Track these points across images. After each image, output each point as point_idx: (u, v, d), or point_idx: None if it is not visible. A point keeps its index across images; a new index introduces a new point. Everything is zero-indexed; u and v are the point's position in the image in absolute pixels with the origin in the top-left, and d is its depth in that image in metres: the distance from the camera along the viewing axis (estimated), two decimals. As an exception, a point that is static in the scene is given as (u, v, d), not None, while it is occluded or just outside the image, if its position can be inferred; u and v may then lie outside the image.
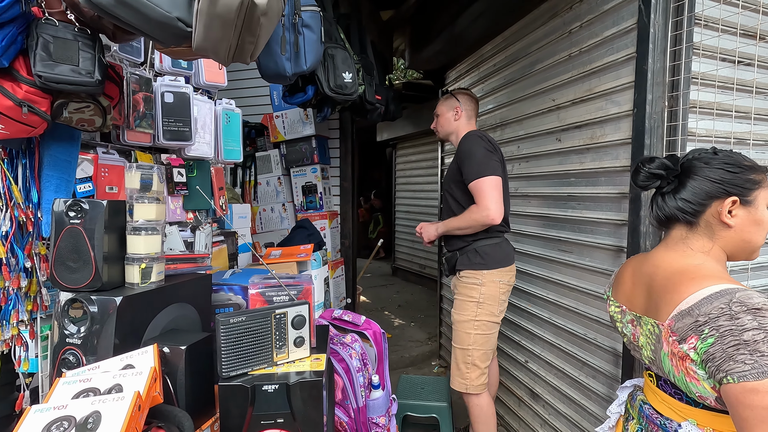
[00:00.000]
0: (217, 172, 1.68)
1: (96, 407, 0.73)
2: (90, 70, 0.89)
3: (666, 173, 0.91)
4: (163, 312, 1.06)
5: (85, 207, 0.98)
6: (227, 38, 0.77)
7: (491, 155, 1.79)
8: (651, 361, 0.90)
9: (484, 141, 1.82)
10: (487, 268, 1.83)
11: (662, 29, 1.42)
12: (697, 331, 0.75)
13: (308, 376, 0.96)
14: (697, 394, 0.79)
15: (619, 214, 1.61)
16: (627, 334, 0.98)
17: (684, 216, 0.89)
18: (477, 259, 1.85)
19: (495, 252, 1.85)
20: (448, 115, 2.03)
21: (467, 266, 1.87)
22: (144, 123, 1.32)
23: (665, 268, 0.89)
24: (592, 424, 1.75)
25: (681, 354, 0.78)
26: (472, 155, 1.78)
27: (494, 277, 1.84)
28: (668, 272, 0.87)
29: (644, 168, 0.93)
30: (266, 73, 1.26)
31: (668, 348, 0.81)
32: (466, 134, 1.90)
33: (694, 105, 1.41)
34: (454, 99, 2.02)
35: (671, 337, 0.80)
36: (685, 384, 0.80)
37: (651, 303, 0.89)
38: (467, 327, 1.84)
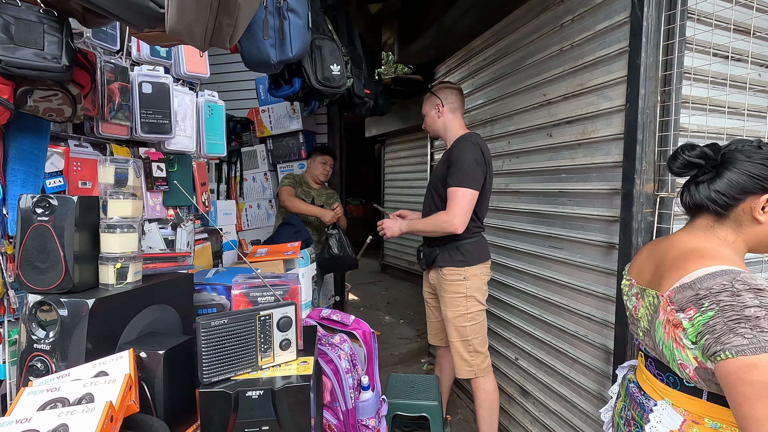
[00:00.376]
0: (199, 166, 1.61)
1: (63, 420, 0.67)
2: (56, 55, 0.82)
3: (705, 162, 0.88)
4: (141, 314, 1.00)
5: (53, 203, 0.91)
6: (202, 20, 0.72)
7: (477, 167, 1.81)
8: (645, 333, 0.92)
9: (476, 151, 1.83)
10: (468, 265, 1.91)
11: (655, 23, 1.41)
12: (697, 304, 0.76)
13: (295, 381, 0.91)
14: (678, 362, 0.81)
15: (610, 210, 1.60)
16: (629, 307, 1.01)
17: (715, 207, 0.87)
18: (458, 257, 1.91)
19: (475, 249, 1.93)
20: (432, 114, 2.04)
21: (449, 263, 1.92)
22: (120, 114, 1.25)
23: (680, 246, 0.89)
24: (583, 422, 1.74)
25: (675, 321, 0.80)
26: (460, 162, 1.81)
27: (476, 271, 1.92)
28: (681, 250, 0.87)
29: (683, 155, 0.90)
30: (249, 61, 1.20)
31: (664, 316, 0.83)
32: (462, 137, 1.90)
33: (686, 100, 1.39)
34: (434, 96, 2.03)
35: (669, 306, 0.82)
36: (671, 351, 0.82)
37: (656, 276, 0.90)
38: (461, 321, 1.92)
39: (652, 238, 1.44)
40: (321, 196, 2.97)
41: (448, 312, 1.94)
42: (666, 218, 1.42)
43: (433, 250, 1.97)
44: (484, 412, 1.96)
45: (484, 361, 1.94)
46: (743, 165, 0.84)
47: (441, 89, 2.04)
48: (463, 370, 1.95)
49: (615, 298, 1.54)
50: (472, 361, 1.93)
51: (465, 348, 1.93)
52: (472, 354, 1.93)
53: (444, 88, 2.04)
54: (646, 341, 0.93)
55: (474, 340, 1.92)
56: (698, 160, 0.88)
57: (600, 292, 1.64)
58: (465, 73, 2.80)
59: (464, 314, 1.91)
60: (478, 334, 1.93)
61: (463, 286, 1.90)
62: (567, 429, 1.83)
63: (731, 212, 0.86)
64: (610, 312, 1.58)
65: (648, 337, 0.91)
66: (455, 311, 1.92)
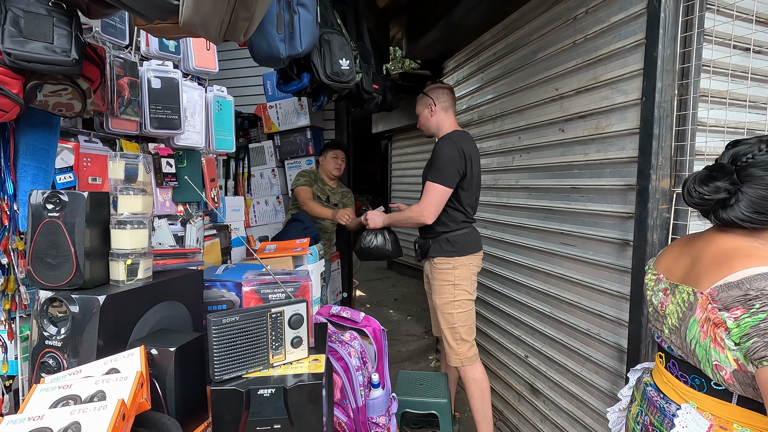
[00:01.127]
0: (208, 162, 1.60)
1: (75, 417, 0.67)
2: (66, 48, 0.81)
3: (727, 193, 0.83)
4: (151, 311, 1.00)
5: (64, 199, 0.90)
6: (219, 12, 0.70)
7: (451, 166, 1.89)
8: (672, 330, 0.88)
9: (453, 149, 1.90)
10: (458, 255, 1.99)
11: (673, 14, 1.37)
12: (746, 305, 0.72)
13: (306, 379, 0.90)
14: (714, 362, 0.77)
15: (625, 206, 1.57)
16: (654, 303, 0.97)
17: (753, 226, 0.83)
18: (448, 247, 1.99)
19: (464, 240, 2.00)
20: (425, 113, 2.10)
21: (440, 253, 2.00)
22: (129, 110, 1.24)
23: (720, 243, 0.85)
24: (595, 420, 1.72)
25: (717, 320, 0.76)
26: (436, 159, 1.91)
27: (465, 261, 1.99)
28: (723, 247, 0.83)
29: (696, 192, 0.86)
30: (258, 55, 1.18)
31: (702, 314, 0.79)
32: (445, 135, 2.01)
33: (704, 94, 1.36)
34: (426, 96, 2.09)
35: (711, 305, 0.77)
36: (706, 350, 0.78)
37: (693, 272, 0.86)
38: (448, 308, 1.99)
39: (668, 234, 1.41)
40: (336, 193, 2.95)
41: (436, 299, 2.02)
42: (682, 214, 1.39)
43: (426, 242, 2.06)
44: (476, 402, 2.03)
45: (470, 349, 2.01)
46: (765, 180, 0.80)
47: (433, 89, 2.10)
48: (451, 357, 2.02)
49: (629, 296, 1.51)
50: (458, 350, 1.99)
51: (452, 336, 2.00)
52: (458, 342, 1.99)
53: (436, 88, 2.09)
54: (673, 339, 0.88)
55: (461, 329, 1.98)
56: (716, 196, 0.83)
57: (613, 289, 1.61)
58: (474, 68, 2.76)
59: (452, 302, 1.98)
60: (465, 322, 2.00)
61: (452, 274, 1.97)
62: (578, 428, 1.81)
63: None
64: (623, 310, 1.55)
65: (676, 335, 0.87)
66: (443, 298, 1.99)
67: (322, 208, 2.69)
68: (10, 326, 1.08)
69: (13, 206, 1.03)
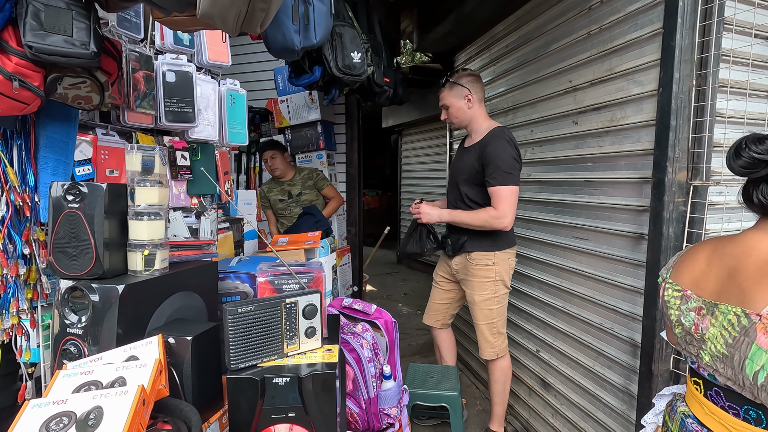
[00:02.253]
0: (221, 155, 1.62)
1: (98, 402, 0.68)
2: (85, 41, 0.82)
3: None
4: (168, 301, 1.01)
5: (83, 191, 0.92)
6: (237, 4, 0.70)
7: (517, 164, 1.85)
8: (719, 358, 0.76)
9: (513, 146, 1.85)
10: (498, 249, 1.94)
11: (692, 2, 1.34)
12: None
13: (320, 369, 0.91)
14: None
15: (640, 199, 1.54)
16: (684, 324, 0.84)
17: None
18: (488, 242, 1.94)
19: (505, 234, 1.95)
20: (460, 104, 1.96)
21: (479, 248, 1.95)
22: (145, 103, 1.25)
23: (764, 250, 0.74)
24: (607, 415, 1.71)
25: None
26: (501, 160, 1.81)
27: (504, 256, 1.96)
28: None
29: (748, 151, 0.75)
30: (273, 47, 1.19)
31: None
32: (495, 133, 1.89)
33: (724, 84, 1.33)
34: (461, 86, 1.95)
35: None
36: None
37: (734, 289, 0.75)
38: (489, 304, 1.96)
39: (684, 228, 1.39)
40: (295, 184, 2.93)
41: (475, 296, 1.97)
42: (699, 208, 1.36)
43: (460, 237, 1.99)
44: (499, 386, 2.05)
45: (504, 341, 2.02)
46: None
47: (466, 78, 1.96)
48: (487, 351, 2.01)
49: (643, 290, 1.50)
50: (495, 342, 1.98)
51: (490, 330, 1.98)
52: (496, 336, 1.98)
53: (468, 76, 1.97)
54: (719, 368, 0.76)
55: (498, 322, 1.98)
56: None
57: (627, 284, 1.59)
58: (486, 60, 2.74)
59: (492, 297, 1.95)
60: (502, 316, 2.00)
61: (492, 270, 1.93)
62: (590, 422, 1.81)
63: None
64: (638, 305, 1.53)
65: (725, 364, 0.75)
66: (483, 295, 1.95)
67: (271, 226, 3.00)
68: (32, 315, 1.11)
69: (34, 198, 1.05)
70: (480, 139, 1.93)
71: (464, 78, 1.96)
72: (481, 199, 1.93)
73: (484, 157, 1.85)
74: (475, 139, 1.97)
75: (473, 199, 1.95)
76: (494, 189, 1.82)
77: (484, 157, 1.85)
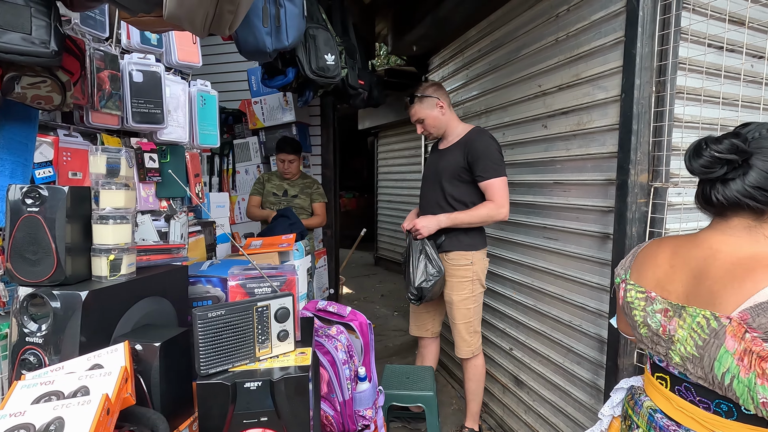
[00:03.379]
0: (192, 157, 1.59)
1: (58, 413, 0.66)
2: (45, 40, 0.79)
3: (738, 156, 0.75)
4: (135, 307, 0.99)
5: (44, 194, 0.89)
6: (204, 5, 0.70)
7: (502, 157, 1.91)
8: (689, 360, 0.76)
9: (496, 141, 1.91)
10: (475, 249, 1.97)
11: (651, 13, 1.40)
12: None
13: (293, 372, 0.91)
14: (761, 399, 0.66)
15: (605, 200, 1.60)
16: (651, 325, 0.84)
17: (756, 205, 0.75)
18: (466, 241, 1.96)
19: (480, 234, 2.01)
20: (434, 114, 2.01)
21: (458, 248, 1.96)
22: (110, 104, 1.22)
23: (729, 252, 0.75)
24: (577, 410, 1.77)
25: (765, 354, 0.65)
26: (490, 154, 1.86)
27: (481, 255, 2.00)
28: (734, 258, 0.74)
29: (708, 150, 0.76)
30: (245, 49, 1.18)
31: (738, 345, 0.68)
32: (477, 131, 1.95)
33: (681, 91, 1.40)
34: (431, 97, 2.00)
35: (749, 334, 0.67)
36: (750, 387, 0.67)
37: (702, 291, 0.76)
38: (467, 303, 1.99)
39: (647, 228, 1.45)
40: (295, 186, 2.91)
41: (453, 295, 1.99)
42: (660, 208, 1.43)
43: (438, 237, 1.99)
44: (474, 385, 2.08)
45: (479, 340, 2.06)
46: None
47: (431, 88, 2.01)
48: (463, 349, 2.03)
49: (609, 288, 1.56)
50: (471, 341, 2.02)
51: (467, 329, 2.01)
52: (472, 334, 2.02)
53: (432, 86, 2.03)
54: (689, 368, 0.77)
55: (475, 321, 2.02)
56: (730, 156, 0.74)
57: (594, 282, 1.65)
58: (459, 64, 2.78)
59: (470, 297, 1.98)
60: (479, 315, 2.04)
61: (470, 270, 1.96)
62: (561, 417, 1.86)
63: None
64: (604, 302, 1.59)
65: (695, 364, 0.75)
66: (461, 294, 1.98)
67: (262, 212, 2.85)
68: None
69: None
70: (459, 139, 1.97)
71: (429, 89, 2.02)
72: (467, 198, 1.94)
73: (471, 153, 1.88)
74: (452, 140, 2.00)
75: (458, 199, 1.95)
76: (489, 182, 1.86)
77: (471, 153, 1.88)
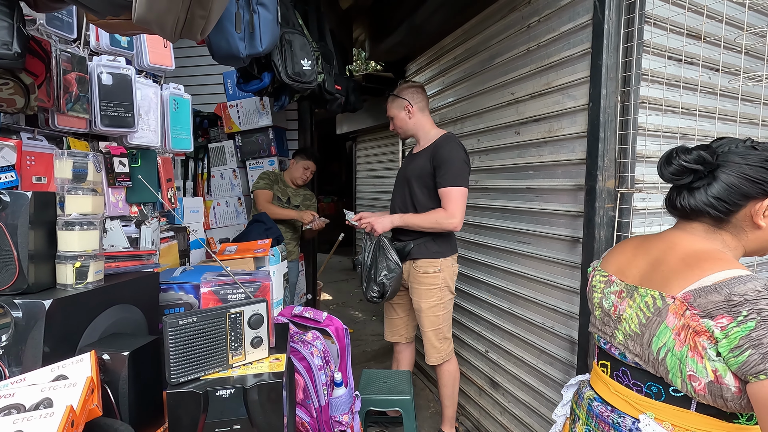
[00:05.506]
0: (164, 162, 1.56)
1: (18, 426, 0.64)
2: (6, 41, 0.77)
3: (703, 167, 0.81)
4: (103, 315, 0.96)
5: (5, 199, 0.86)
6: (174, 10, 0.69)
7: (467, 167, 1.91)
8: (630, 336, 0.83)
9: (463, 150, 1.92)
10: (443, 256, 1.98)
11: (615, 26, 1.47)
12: (732, 312, 0.68)
13: (267, 378, 0.90)
14: (689, 372, 0.72)
15: (575, 205, 1.66)
16: (605, 306, 0.91)
17: (716, 213, 0.81)
18: (434, 248, 1.97)
19: (448, 241, 2.01)
20: (402, 116, 2.05)
21: (425, 255, 1.97)
22: (78, 106, 1.19)
23: (686, 246, 0.82)
24: (550, 410, 1.81)
25: (700, 329, 0.70)
26: (451, 162, 1.86)
27: (449, 262, 2.01)
28: (690, 250, 0.81)
29: (678, 159, 0.82)
30: (218, 54, 1.17)
31: (678, 321, 0.74)
32: (447, 137, 1.96)
33: (644, 101, 1.46)
34: (400, 98, 2.04)
35: (689, 311, 0.72)
36: (681, 359, 0.73)
37: (656, 275, 0.82)
38: (435, 311, 1.99)
39: (614, 231, 1.51)
40: (297, 196, 2.95)
41: (422, 303, 2.00)
42: (626, 213, 1.49)
43: (406, 244, 2.00)
44: (448, 390, 2.09)
45: (450, 345, 2.07)
46: (741, 168, 0.79)
47: (406, 90, 2.04)
48: (433, 356, 2.04)
49: (579, 290, 1.60)
50: (441, 348, 2.02)
51: (436, 336, 2.01)
52: (442, 341, 2.02)
53: (408, 88, 2.05)
54: (629, 345, 0.83)
55: (444, 328, 2.02)
56: (696, 166, 0.81)
57: (565, 284, 1.70)
58: (435, 71, 2.83)
59: (438, 304, 1.99)
60: (447, 321, 2.04)
61: (439, 277, 1.97)
62: (535, 418, 1.90)
63: (732, 217, 0.81)
64: (574, 303, 1.64)
65: (635, 341, 0.82)
66: (430, 302, 1.98)
67: (285, 210, 2.73)
68: (-57, 336, 1.01)
69: (-54, 207, 0.96)
70: (430, 144, 1.99)
71: (405, 90, 2.04)
72: (431, 204, 1.95)
73: (436, 158, 1.89)
74: (424, 144, 2.03)
75: (423, 204, 1.97)
76: (445, 190, 1.86)
77: (436, 158, 1.89)
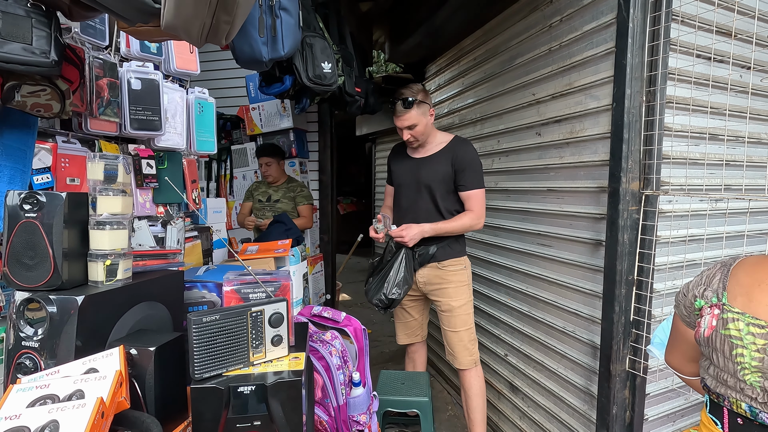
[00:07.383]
0: (189, 164, 1.60)
1: (54, 416, 0.67)
2: (45, 50, 0.81)
3: None
4: (131, 311, 1.00)
5: (41, 200, 0.90)
6: (200, 16, 0.72)
7: (482, 167, 1.94)
8: None
9: (476, 152, 1.95)
10: (464, 254, 2.02)
11: (641, 24, 1.43)
12: None
13: (287, 376, 0.92)
14: None
15: (597, 207, 1.63)
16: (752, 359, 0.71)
17: None
18: (457, 248, 1.98)
19: (464, 241, 2.05)
20: (427, 120, 1.92)
21: (451, 255, 1.96)
22: (109, 111, 1.24)
23: None
24: (570, 415, 1.77)
25: None
26: (475, 164, 1.90)
27: (468, 261, 2.03)
28: None
29: None
30: (241, 58, 1.20)
31: None
32: (460, 140, 1.97)
33: (670, 100, 1.43)
34: (425, 104, 1.91)
35: None
36: None
37: None
38: (467, 308, 1.98)
39: (638, 235, 1.47)
40: (278, 192, 3.01)
41: (453, 302, 1.95)
42: (651, 216, 1.45)
43: (428, 248, 1.94)
44: (479, 400, 1.99)
45: (478, 348, 2.02)
46: None
47: (423, 94, 1.92)
48: (466, 359, 1.95)
49: (601, 294, 1.57)
50: (473, 349, 1.97)
51: (469, 336, 1.97)
52: (473, 342, 1.98)
53: (423, 91, 1.93)
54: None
55: (473, 327, 2.01)
56: None
57: (587, 288, 1.67)
58: (455, 72, 2.82)
59: (469, 302, 1.99)
60: (473, 321, 2.03)
61: (465, 274, 1.98)
62: (555, 423, 1.87)
63: None
64: (597, 308, 1.61)
65: None
66: (461, 299, 1.96)
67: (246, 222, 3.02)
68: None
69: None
70: (441, 147, 1.93)
71: (421, 93, 1.92)
72: (457, 207, 1.93)
73: (458, 162, 1.87)
74: (433, 149, 1.95)
75: (451, 209, 1.93)
76: (472, 192, 1.88)
77: (458, 162, 1.87)
